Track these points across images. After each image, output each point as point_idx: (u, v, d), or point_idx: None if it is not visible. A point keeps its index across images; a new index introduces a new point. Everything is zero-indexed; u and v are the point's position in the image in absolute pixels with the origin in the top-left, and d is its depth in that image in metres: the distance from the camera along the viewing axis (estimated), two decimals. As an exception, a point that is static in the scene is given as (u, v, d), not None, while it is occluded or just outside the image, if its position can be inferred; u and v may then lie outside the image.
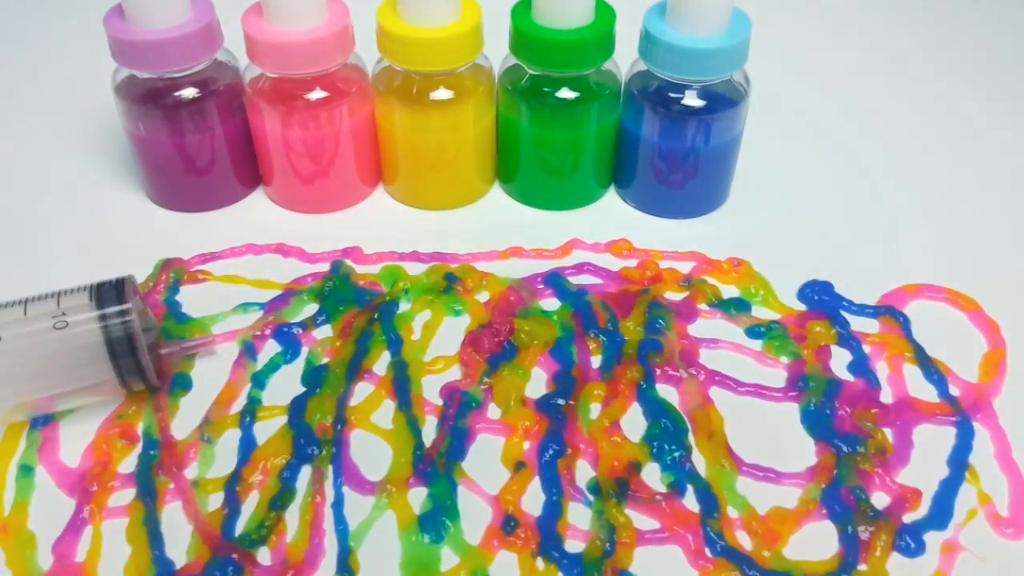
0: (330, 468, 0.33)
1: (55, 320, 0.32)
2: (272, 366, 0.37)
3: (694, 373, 0.36)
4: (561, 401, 0.35)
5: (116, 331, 0.32)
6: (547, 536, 0.31)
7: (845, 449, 0.33)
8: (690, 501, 0.32)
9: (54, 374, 0.32)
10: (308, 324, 0.38)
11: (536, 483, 0.33)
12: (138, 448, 0.34)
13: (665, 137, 0.42)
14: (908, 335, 0.38)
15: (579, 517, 0.32)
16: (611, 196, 0.46)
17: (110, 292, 0.33)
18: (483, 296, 0.40)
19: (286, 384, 0.36)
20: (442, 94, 0.41)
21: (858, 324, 0.39)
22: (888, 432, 0.34)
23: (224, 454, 0.34)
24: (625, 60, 0.42)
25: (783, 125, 0.50)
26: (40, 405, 0.34)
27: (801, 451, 0.34)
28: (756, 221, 0.44)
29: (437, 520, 0.31)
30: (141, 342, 0.33)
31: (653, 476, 0.33)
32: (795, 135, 0.50)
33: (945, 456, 0.34)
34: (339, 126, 0.42)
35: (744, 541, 0.31)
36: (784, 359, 0.37)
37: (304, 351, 0.37)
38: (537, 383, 0.36)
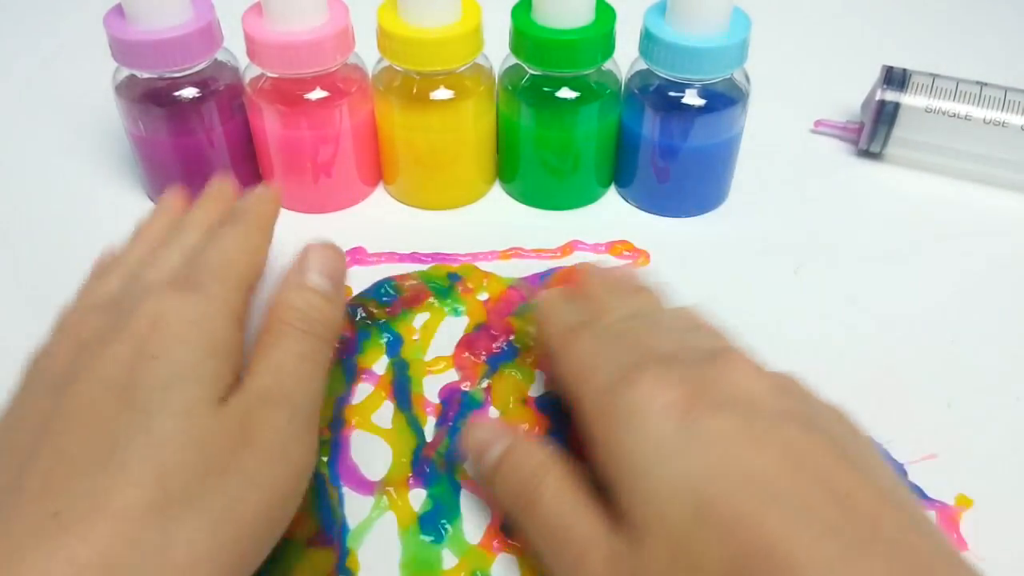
0: (329, 469, 0.33)
1: None
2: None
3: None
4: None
5: None
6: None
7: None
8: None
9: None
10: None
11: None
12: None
13: (665, 136, 0.41)
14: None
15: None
16: (612, 196, 0.46)
17: None
18: (483, 296, 0.40)
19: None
20: (442, 94, 0.41)
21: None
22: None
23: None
24: (625, 59, 0.42)
25: (783, 123, 0.50)
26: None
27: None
28: (756, 219, 0.44)
29: (437, 520, 0.31)
30: None
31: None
32: (795, 133, 0.50)
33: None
34: (339, 126, 0.42)
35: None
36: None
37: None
38: (536, 383, 0.36)
